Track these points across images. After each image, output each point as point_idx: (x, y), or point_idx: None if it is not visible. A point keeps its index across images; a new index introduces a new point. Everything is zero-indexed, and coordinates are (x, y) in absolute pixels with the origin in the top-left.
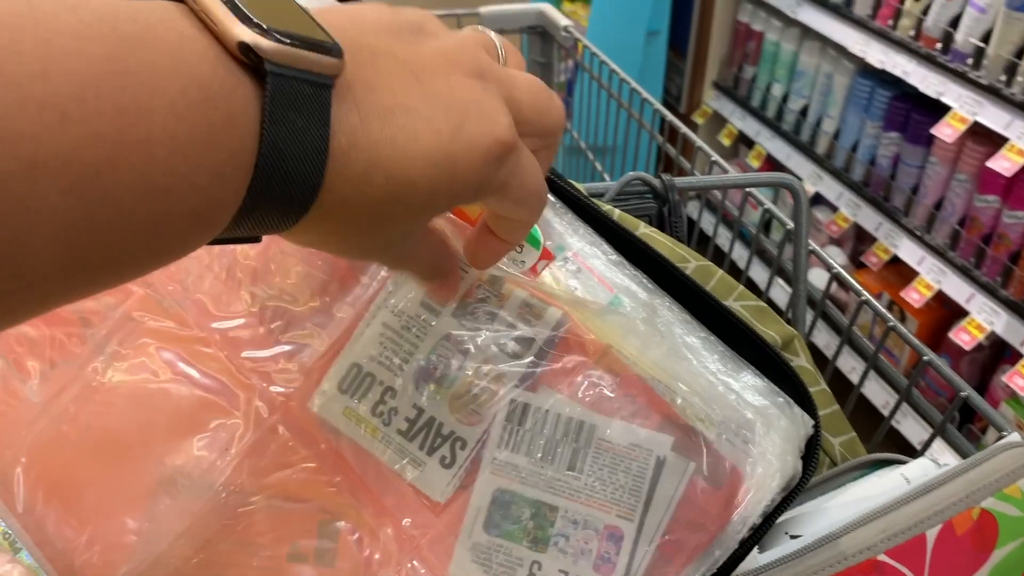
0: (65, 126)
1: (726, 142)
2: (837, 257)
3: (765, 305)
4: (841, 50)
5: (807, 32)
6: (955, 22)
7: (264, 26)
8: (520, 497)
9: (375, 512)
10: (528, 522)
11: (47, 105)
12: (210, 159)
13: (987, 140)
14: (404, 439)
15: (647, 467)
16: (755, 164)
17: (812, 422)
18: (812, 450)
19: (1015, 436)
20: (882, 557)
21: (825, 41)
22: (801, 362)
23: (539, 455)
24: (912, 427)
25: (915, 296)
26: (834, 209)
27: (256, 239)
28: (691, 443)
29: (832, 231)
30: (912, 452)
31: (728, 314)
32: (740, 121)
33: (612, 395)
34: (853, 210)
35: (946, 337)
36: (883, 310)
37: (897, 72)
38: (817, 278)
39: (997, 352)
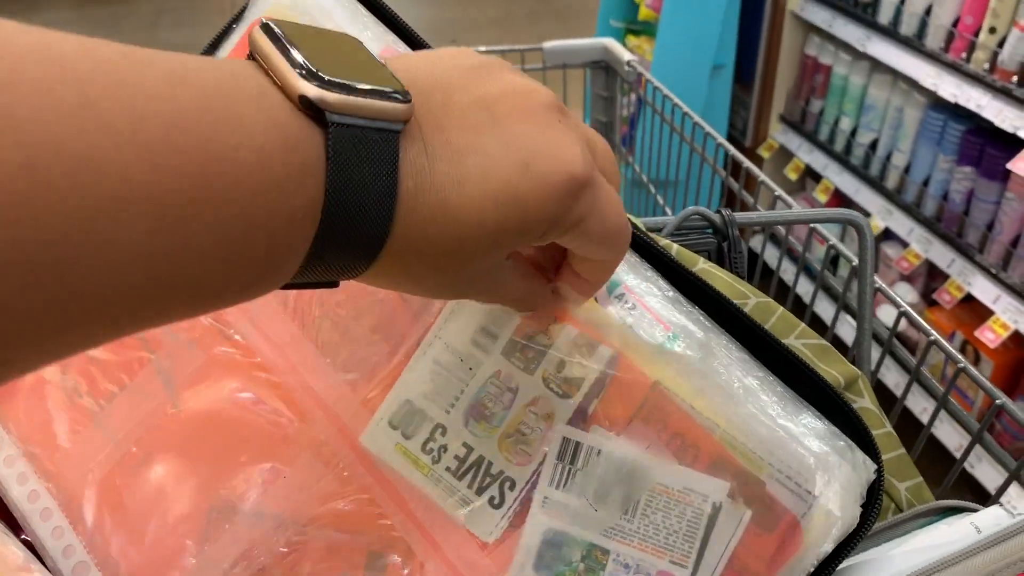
0: (155, 166)
1: (792, 176)
2: (907, 294)
3: (828, 344)
4: (912, 83)
5: (877, 65)
6: None
7: (325, 78)
8: (571, 538)
9: (425, 547)
10: (579, 564)
11: (139, 144)
12: (285, 205)
13: None
14: (453, 477)
15: (702, 513)
16: (822, 198)
17: (874, 467)
18: (874, 497)
19: None
20: None
21: (895, 74)
22: (865, 403)
23: (591, 496)
24: (987, 471)
25: (990, 336)
26: (905, 245)
27: (333, 284)
28: (746, 487)
29: (903, 267)
30: (987, 498)
31: (787, 354)
32: (807, 155)
33: (665, 436)
34: (924, 246)
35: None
36: (953, 351)
37: (971, 106)
38: (888, 315)
39: None
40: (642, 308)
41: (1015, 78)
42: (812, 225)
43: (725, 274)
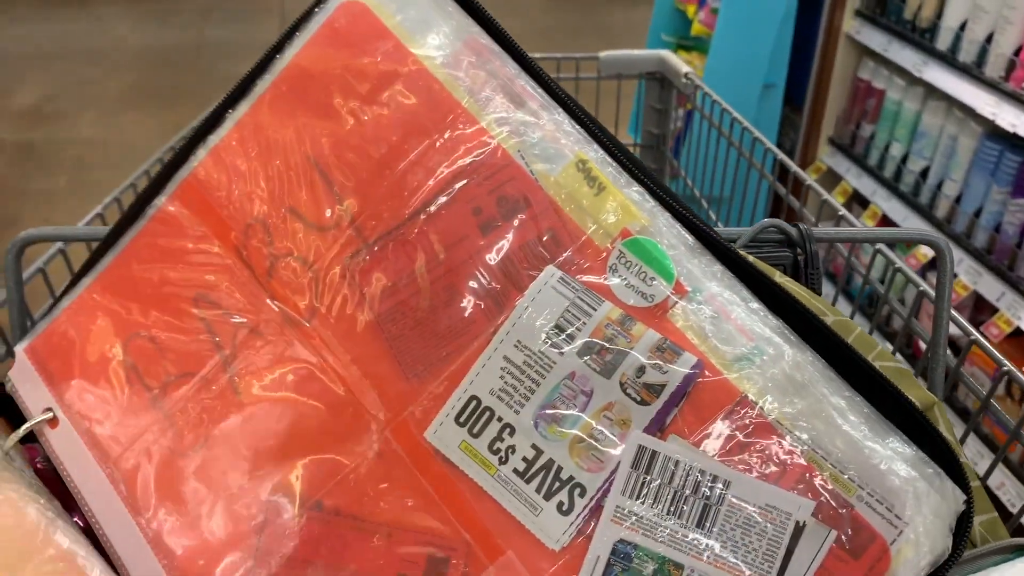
0: None
1: (840, 200)
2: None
3: (906, 368)
4: (968, 111)
5: (932, 92)
6: None
7: None
8: (643, 550)
9: (487, 550)
10: None
11: None
12: None
13: None
14: (521, 480)
15: (784, 531)
16: (869, 224)
17: (964, 497)
18: (963, 528)
19: None
20: None
21: (951, 101)
22: (941, 431)
23: (666, 508)
24: None
25: None
26: (953, 275)
27: None
28: (831, 506)
29: (952, 300)
30: None
31: (876, 375)
32: (855, 179)
33: (747, 447)
34: (973, 277)
35: None
36: None
37: None
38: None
39: None
40: (724, 317)
41: None
42: (878, 247)
43: (802, 289)
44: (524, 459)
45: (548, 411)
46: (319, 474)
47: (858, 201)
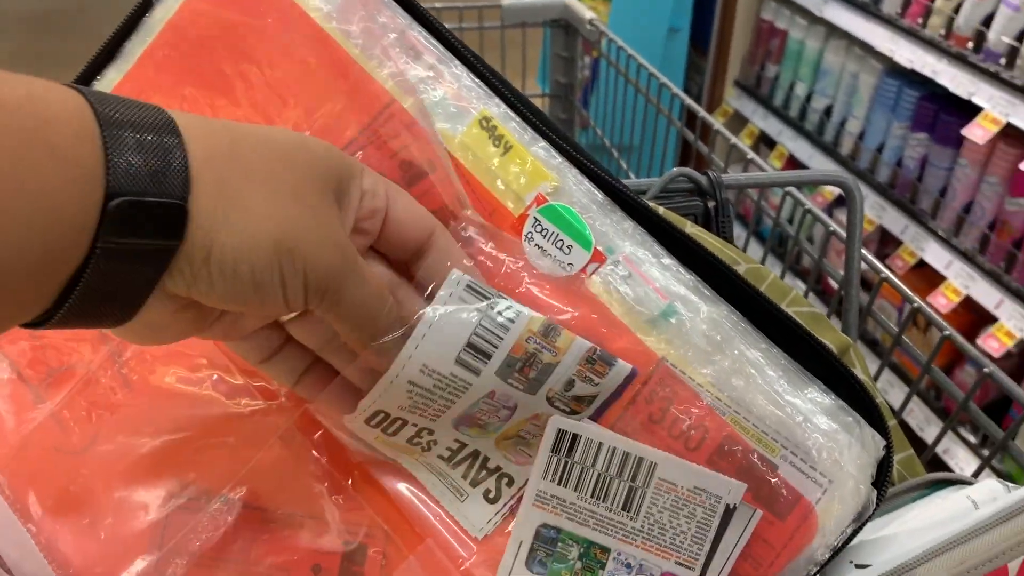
0: None
1: (747, 142)
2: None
3: (820, 312)
4: (868, 49)
5: (833, 30)
6: (988, 21)
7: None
8: (567, 534)
9: (406, 539)
10: (576, 562)
11: None
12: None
13: (1019, 142)
14: (446, 465)
15: (714, 514)
16: (777, 164)
17: (884, 443)
18: (884, 473)
19: None
20: None
21: (851, 39)
22: (857, 374)
23: (590, 491)
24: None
25: (942, 302)
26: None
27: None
28: (756, 469)
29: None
30: (941, 467)
31: (794, 324)
32: (762, 121)
33: (668, 415)
34: (878, 212)
35: (974, 344)
36: (938, 318)
37: (926, 72)
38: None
39: (1022, 361)
40: (639, 277)
41: (971, 44)
42: (787, 190)
43: (714, 239)
44: (448, 448)
45: (468, 419)
46: (224, 467)
47: (765, 142)
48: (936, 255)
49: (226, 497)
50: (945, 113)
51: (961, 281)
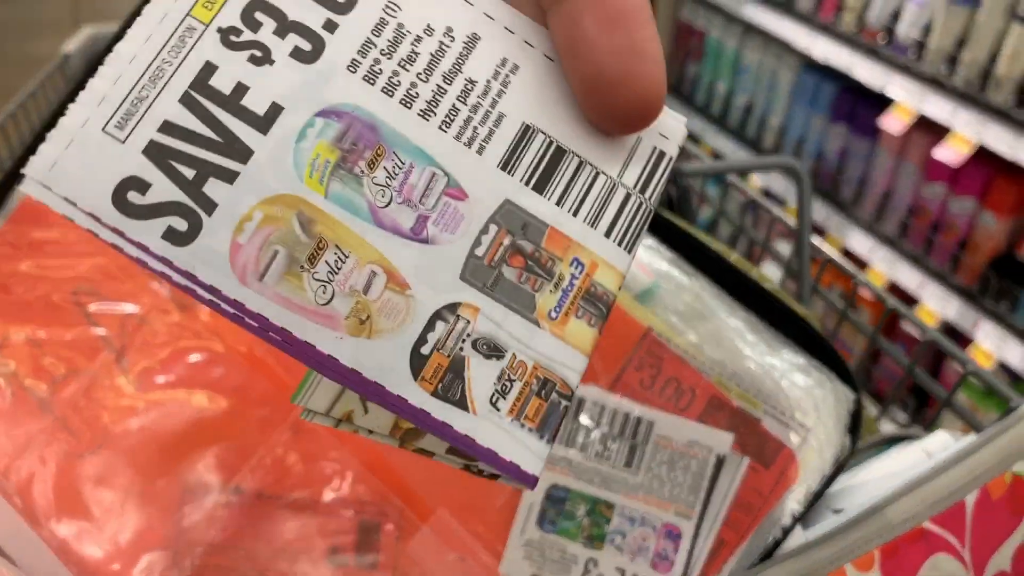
0: None
1: None
2: (786, 250)
3: (779, 289)
4: (784, 46)
5: (750, 29)
6: (896, 15)
7: None
8: (575, 493)
9: (419, 510)
10: (583, 519)
11: None
12: None
13: (932, 130)
14: None
15: (707, 465)
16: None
17: (854, 396)
18: (856, 423)
19: None
20: (927, 525)
21: (768, 37)
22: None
23: (595, 451)
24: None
25: (871, 285)
26: (782, 203)
27: None
28: (742, 424)
29: (779, 227)
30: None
31: (767, 294)
32: (689, 121)
33: (660, 379)
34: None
35: (898, 326)
36: (884, 293)
37: (842, 66)
38: (775, 271)
39: (949, 339)
40: None
41: (881, 38)
42: (730, 179)
43: (680, 222)
44: None
45: None
46: (233, 458)
47: (690, 140)
48: (860, 242)
49: (238, 487)
50: (861, 105)
51: (885, 266)
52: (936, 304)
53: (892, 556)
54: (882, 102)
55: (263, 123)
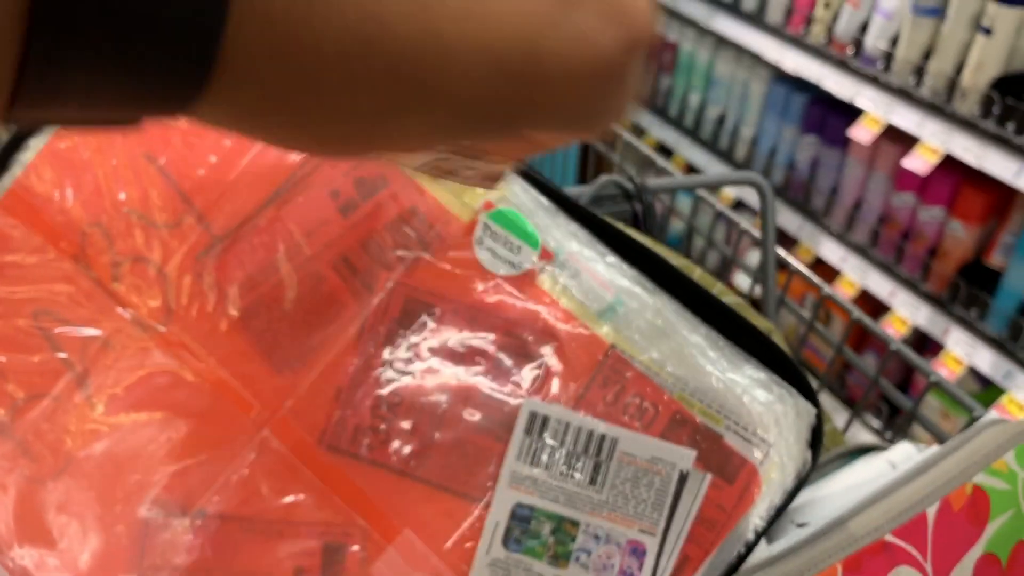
0: None
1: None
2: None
3: (743, 301)
4: (756, 58)
5: (722, 41)
6: (864, 27)
7: None
8: (540, 511)
9: (384, 531)
10: (549, 537)
11: None
12: None
13: (901, 140)
14: None
15: (670, 481)
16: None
17: (815, 411)
18: (817, 438)
19: (993, 414)
20: (889, 537)
21: (740, 50)
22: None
23: (559, 469)
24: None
25: (840, 295)
26: (755, 213)
27: (124, 120)
28: (705, 440)
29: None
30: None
31: (727, 310)
32: (659, 131)
33: (623, 396)
34: (776, 215)
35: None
36: (847, 302)
37: (812, 77)
38: (740, 281)
39: (920, 345)
40: (585, 273)
41: (850, 50)
42: (699, 194)
43: (644, 239)
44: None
45: None
46: (198, 481)
47: (664, 152)
48: (831, 251)
49: (202, 510)
50: (831, 116)
51: (856, 274)
52: (907, 311)
53: (855, 569)
54: (852, 112)
55: None
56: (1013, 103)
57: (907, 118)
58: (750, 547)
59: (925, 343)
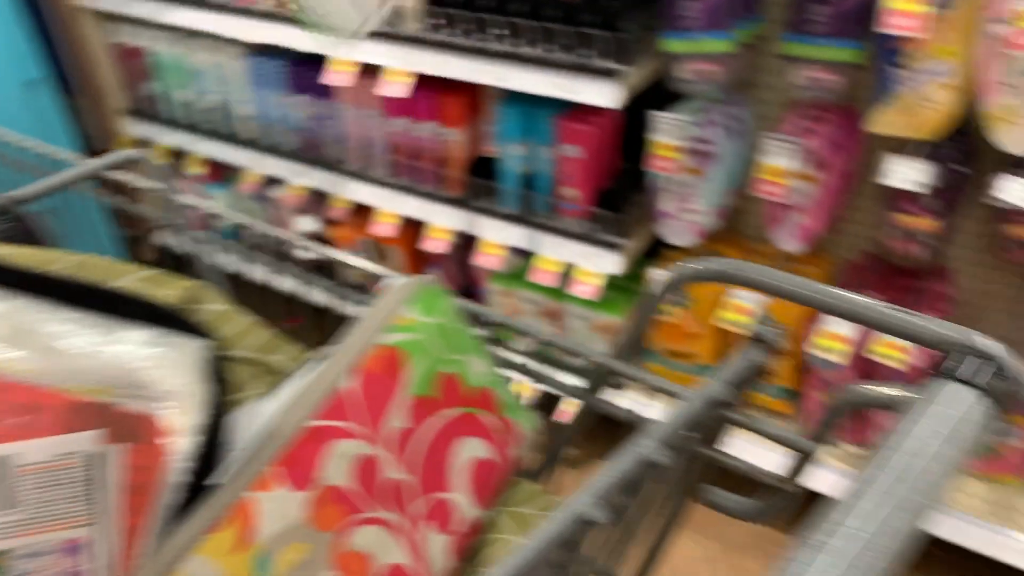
0: None
1: (168, 160)
2: (310, 224)
3: (159, 274)
4: (227, 40)
5: (187, 33)
6: None
7: None
8: None
9: None
10: None
11: None
12: None
13: (372, 72)
14: None
15: (85, 467)
16: (202, 172)
17: (205, 343)
18: (218, 368)
19: (386, 282)
20: (313, 422)
21: (203, 35)
22: (217, 307)
23: None
24: None
25: (384, 229)
26: (285, 183)
27: None
28: (102, 417)
29: (292, 203)
30: None
31: (96, 290)
32: (169, 137)
33: (6, 413)
34: (302, 178)
35: (422, 248)
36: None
37: (277, 41)
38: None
39: (467, 245)
40: None
41: (293, 7)
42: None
43: (27, 249)
44: None
45: None
46: None
47: (181, 155)
48: (364, 193)
49: None
50: (309, 72)
51: (392, 204)
52: (444, 220)
53: (293, 463)
54: (324, 63)
55: None
56: (443, 11)
57: (372, 52)
58: (194, 488)
59: (470, 241)
